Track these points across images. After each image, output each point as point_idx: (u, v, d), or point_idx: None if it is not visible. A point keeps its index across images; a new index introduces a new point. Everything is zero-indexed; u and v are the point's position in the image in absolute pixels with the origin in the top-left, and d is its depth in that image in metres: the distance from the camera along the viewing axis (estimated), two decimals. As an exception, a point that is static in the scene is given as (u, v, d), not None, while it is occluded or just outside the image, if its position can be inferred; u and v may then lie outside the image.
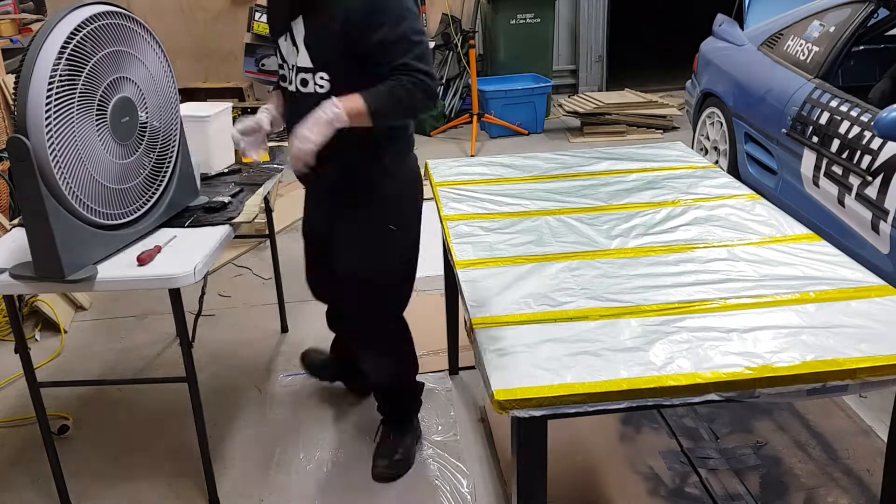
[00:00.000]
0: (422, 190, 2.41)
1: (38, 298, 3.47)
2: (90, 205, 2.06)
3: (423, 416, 2.82)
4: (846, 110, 3.21)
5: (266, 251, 4.14)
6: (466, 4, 6.99)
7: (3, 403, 3.03)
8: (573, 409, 1.52)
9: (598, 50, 7.42)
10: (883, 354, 1.60)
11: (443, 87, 6.81)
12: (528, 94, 6.31)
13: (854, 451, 2.51)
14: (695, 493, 2.35)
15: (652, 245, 2.15)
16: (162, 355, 3.32)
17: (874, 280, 1.92)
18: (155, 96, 2.29)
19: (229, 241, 2.40)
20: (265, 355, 3.29)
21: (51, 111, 1.90)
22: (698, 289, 1.89)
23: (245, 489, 2.52)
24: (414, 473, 2.55)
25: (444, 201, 2.52)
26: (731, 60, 4.42)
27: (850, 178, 3.07)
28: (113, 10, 2.11)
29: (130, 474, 2.61)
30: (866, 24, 3.56)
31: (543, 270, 2.01)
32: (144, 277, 2.07)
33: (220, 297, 3.81)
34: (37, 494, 2.54)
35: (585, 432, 2.62)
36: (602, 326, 1.74)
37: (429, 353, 3.21)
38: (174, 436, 2.79)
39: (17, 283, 2.05)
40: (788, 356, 1.60)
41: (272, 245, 3.43)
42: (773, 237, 2.18)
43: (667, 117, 6.27)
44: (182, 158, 2.44)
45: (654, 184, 2.62)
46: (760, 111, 3.91)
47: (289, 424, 2.83)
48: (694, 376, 1.55)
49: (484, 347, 1.67)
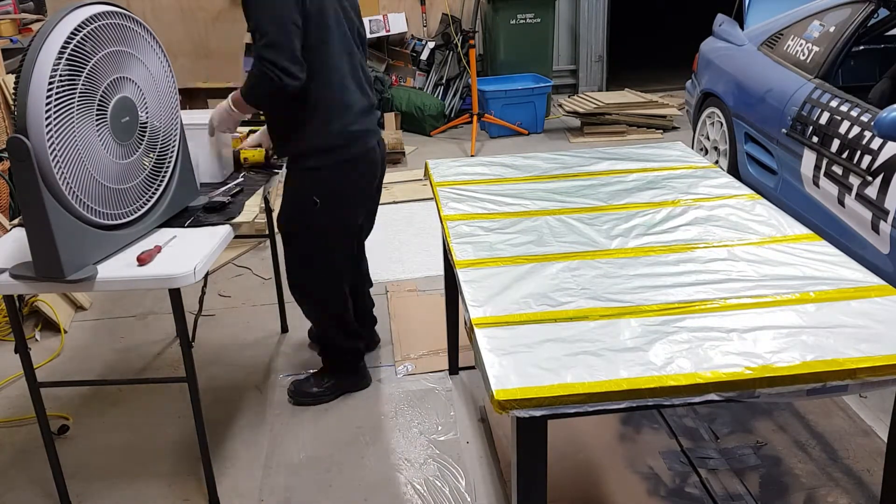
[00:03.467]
0: (366, 171, 2.68)
1: (38, 298, 3.48)
2: (90, 205, 2.06)
3: (423, 416, 2.83)
4: (846, 110, 3.21)
5: (266, 251, 4.14)
6: (466, 4, 6.99)
7: (3, 403, 3.03)
8: (573, 409, 1.52)
9: (598, 50, 7.42)
10: (883, 354, 1.60)
11: (443, 87, 6.81)
12: (528, 94, 6.31)
13: (854, 451, 2.51)
14: (695, 493, 2.35)
15: (652, 245, 2.15)
16: (162, 355, 3.32)
17: (874, 280, 1.92)
18: (155, 96, 2.29)
19: (229, 241, 2.40)
20: (265, 355, 3.29)
21: (51, 111, 1.90)
22: (698, 289, 1.89)
23: (245, 489, 2.52)
24: (414, 473, 2.55)
25: (444, 201, 2.52)
26: (731, 60, 4.42)
27: (850, 178, 3.07)
28: (113, 10, 2.11)
29: (130, 474, 2.61)
30: (866, 24, 3.56)
31: (543, 270, 2.01)
32: (144, 277, 2.07)
33: (220, 297, 3.82)
34: (37, 494, 2.54)
35: (585, 432, 2.62)
36: (602, 326, 1.74)
37: (429, 353, 3.21)
38: (174, 436, 2.79)
39: (17, 283, 2.05)
40: (788, 356, 1.60)
41: (272, 245, 3.44)
42: (774, 237, 2.18)
43: (667, 117, 6.27)
44: (182, 158, 2.45)
45: (655, 184, 2.62)
46: (760, 111, 3.91)
47: (288, 424, 2.83)
48: (694, 376, 1.55)
49: (484, 347, 1.67)
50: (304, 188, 2.60)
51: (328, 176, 2.58)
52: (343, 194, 2.63)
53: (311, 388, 2.94)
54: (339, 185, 2.60)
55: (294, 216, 2.67)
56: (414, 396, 2.96)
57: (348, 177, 2.62)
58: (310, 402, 2.92)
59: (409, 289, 3.79)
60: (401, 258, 4.14)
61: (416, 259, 4.13)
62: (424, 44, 6.78)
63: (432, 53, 6.76)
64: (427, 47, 6.76)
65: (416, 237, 4.41)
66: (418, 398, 2.94)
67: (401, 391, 2.99)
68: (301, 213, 2.62)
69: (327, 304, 2.84)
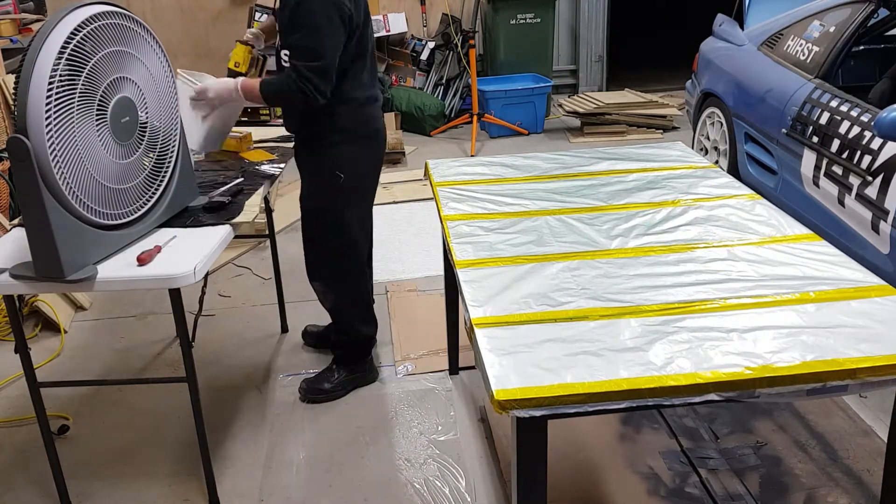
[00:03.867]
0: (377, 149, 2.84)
1: (38, 298, 3.48)
2: (90, 205, 2.06)
3: (423, 416, 2.83)
4: (846, 110, 3.21)
5: (266, 251, 4.14)
6: (466, 4, 6.99)
7: (3, 403, 3.03)
8: (573, 409, 1.52)
9: (598, 50, 7.42)
10: (883, 354, 1.60)
11: (443, 87, 6.81)
12: (528, 94, 6.31)
13: (854, 451, 2.51)
14: (695, 493, 2.35)
15: (652, 245, 2.15)
16: (162, 355, 3.32)
17: (874, 280, 1.92)
18: (155, 96, 2.29)
19: (229, 241, 2.40)
20: (265, 355, 3.29)
21: (51, 111, 1.89)
22: (698, 289, 1.89)
23: (245, 489, 2.52)
24: (414, 473, 2.55)
25: (444, 201, 2.52)
26: (731, 60, 4.41)
27: (850, 178, 3.07)
28: (113, 10, 2.11)
29: (130, 474, 2.61)
30: (866, 24, 3.56)
31: (543, 270, 2.01)
32: (144, 277, 2.07)
33: (220, 297, 3.82)
34: (37, 494, 2.54)
35: (585, 432, 2.62)
36: (602, 326, 1.74)
37: (429, 353, 3.21)
38: (174, 436, 2.79)
39: (17, 283, 2.05)
40: (788, 356, 1.60)
41: (272, 245, 3.44)
42: (774, 237, 2.18)
43: (667, 117, 6.27)
44: (182, 158, 2.44)
45: (654, 184, 2.62)
46: (760, 111, 3.91)
47: (288, 424, 2.83)
48: (694, 376, 1.55)
49: (484, 347, 1.67)
50: (327, 166, 2.71)
51: (348, 151, 2.72)
52: (361, 168, 2.78)
53: (324, 384, 2.97)
54: (357, 160, 2.75)
55: (320, 194, 2.77)
56: (414, 396, 2.96)
57: (364, 151, 2.77)
58: (323, 399, 2.94)
59: (409, 289, 3.79)
60: (401, 258, 4.14)
61: (416, 259, 4.13)
62: (424, 44, 6.78)
63: (432, 53, 6.76)
64: (427, 47, 6.75)
65: (416, 237, 4.41)
66: (418, 398, 2.94)
67: (401, 391, 2.99)
68: (326, 189, 2.74)
69: (349, 281, 2.90)
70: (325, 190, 2.75)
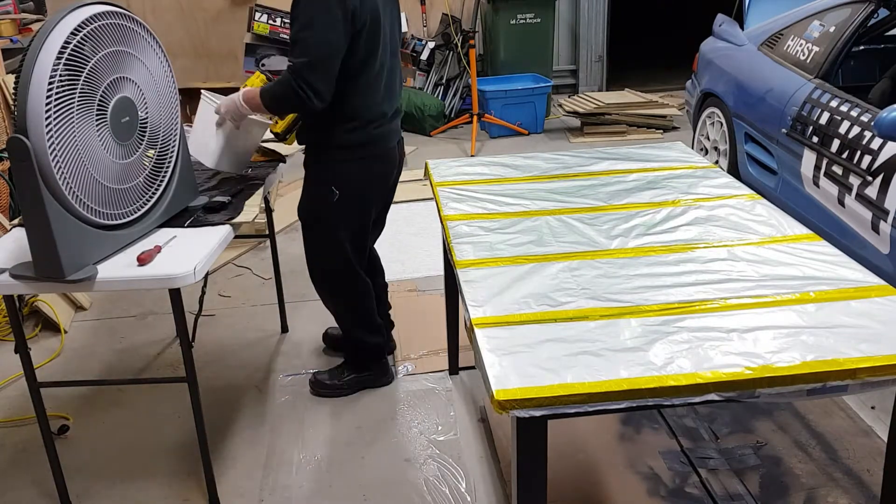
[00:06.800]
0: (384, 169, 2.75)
1: (38, 298, 3.48)
2: (90, 205, 2.06)
3: (423, 416, 2.83)
4: (846, 110, 3.21)
5: (266, 251, 4.14)
6: (466, 4, 6.99)
7: (3, 403, 3.03)
8: (573, 409, 1.52)
9: (598, 50, 7.42)
10: (883, 354, 1.60)
11: (443, 87, 6.81)
12: (528, 94, 6.31)
13: (854, 451, 2.51)
14: (695, 493, 2.35)
15: (652, 245, 2.15)
16: (162, 355, 3.32)
17: (874, 280, 1.92)
18: (155, 96, 2.29)
19: (229, 241, 2.40)
20: (265, 355, 3.29)
21: (51, 111, 1.89)
22: (698, 289, 1.89)
23: (245, 489, 2.52)
24: (414, 473, 2.55)
25: (444, 201, 2.52)
26: (731, 60, 4.41)
27: (850, 178, 3.07)
28: (113, 10, 2.11)
29: (130, 474, 2.61)
30: (866, 24, 3.56)
31: (543, 270, 2.01)
32: (144, 277, 2.07)
33: (220, 297, 3.81)
34: (37, 494, 2.54)
35: (585, 432, 2.62)
36: (602, 326, 1.74)
37: (429, 353, 3.21)
38: (174, 436, 2.79)
39: (17, 283, 2.05)
40: (788, 356, 1.60)
41: (272, 245, 3.43)
42: (774, 237, 2.18)
43: (667, 117, 6.27)
44: (182, 158, 2.44)
45: (655, 184, 2.62)
46: (760, 111, 3.91)
47: (289, 424, 2.83)
48: (694, 376, 1.55)
49: (484, 347, 1.67)
50: (324, 179, 2.66)
51: (348, 170, 2.65)
52: (360, 188, 2.69)
53: (332, 380, 2.99)
54: (357, 179, 2.67)
55: (312, 205, 2.74)
56: (414, 396, 2.96)
57: (367, 173, 2.69)
58: (328, 394, 2.97)
59: (409, 289, 3.79)
60: (401, 258, 4.14)
61: (416, 259, 4.13)
62: (424, 44, 6.79)
63: (432, 53, 6.76)
64: (427, 47, 6.76)
65: (416, 237, 4.41)
66: (418, 398, 2.94)
67: (401, 391, 2.99)
68: (320, 201, 2.69)
69: (343, 291, 2.88)
70: (319, 203, 2.69)
